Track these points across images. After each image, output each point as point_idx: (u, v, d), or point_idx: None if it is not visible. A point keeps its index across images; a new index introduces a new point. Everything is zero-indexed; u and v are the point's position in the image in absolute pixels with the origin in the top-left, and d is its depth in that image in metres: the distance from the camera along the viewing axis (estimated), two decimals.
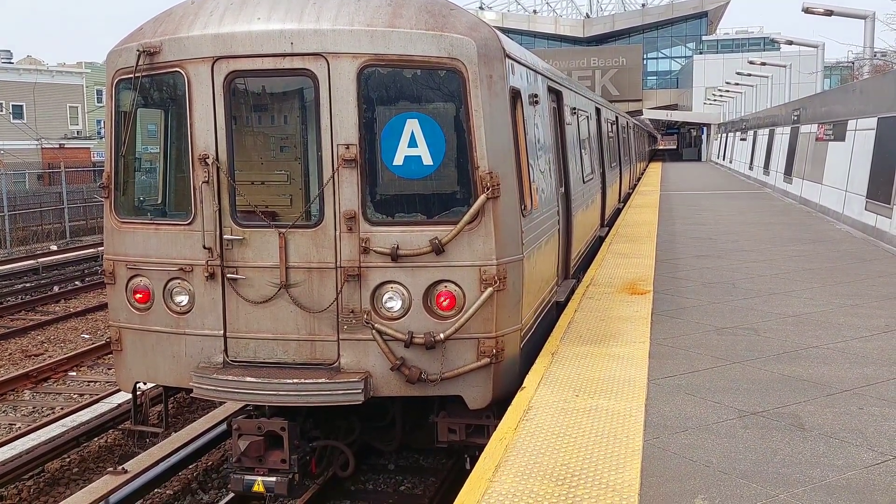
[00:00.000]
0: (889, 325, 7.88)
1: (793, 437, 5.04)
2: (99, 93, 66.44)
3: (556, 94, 9.40)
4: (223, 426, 9.12)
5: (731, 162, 47.03)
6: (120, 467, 8.01)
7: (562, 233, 9.07)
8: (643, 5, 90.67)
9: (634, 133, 32.09)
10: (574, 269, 10.22)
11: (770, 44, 63.99)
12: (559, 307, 8.59)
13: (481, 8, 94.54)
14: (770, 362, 6.67)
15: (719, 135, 59.53)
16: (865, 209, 15.53)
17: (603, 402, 5.69)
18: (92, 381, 12.58)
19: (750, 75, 45.61)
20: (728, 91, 56.26)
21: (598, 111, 14.85)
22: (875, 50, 23.13)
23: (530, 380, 6.25)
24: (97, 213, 34.89)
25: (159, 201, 6.84)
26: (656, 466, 4.59)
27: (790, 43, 30.48)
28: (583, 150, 11.70)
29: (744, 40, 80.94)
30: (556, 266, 8.71)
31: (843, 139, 18.36)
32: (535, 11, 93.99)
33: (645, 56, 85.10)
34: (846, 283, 10.14)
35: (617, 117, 20.91)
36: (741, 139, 42.38)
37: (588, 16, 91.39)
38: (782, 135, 27.83)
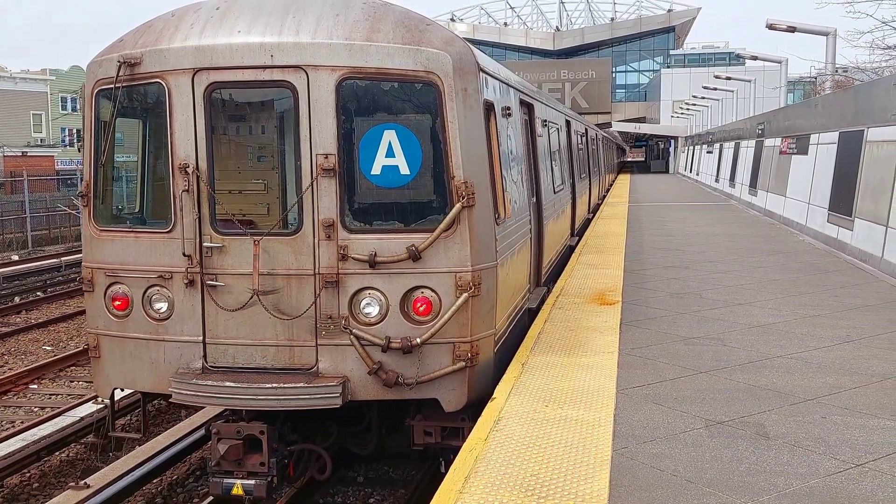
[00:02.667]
0: (850, 335, 8.03)
1: (758, 445, 5.10)
2: (64, 100, 65.57)
3: (527, 107, 9.65)
4: (191, 439, 9.05)
5: (697, 174, 47.68)
6: (82, 482, 7.89)
7: (533, 241, 9.24)
8: (612, 19, 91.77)
9: (604, 145, 32.99)
10: (545, 278, 10.44)
11: (735, 59, 65.13)
12: (531, 314, 8.76)
13: (452, 20, 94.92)
14: (736, 372, 6.75)
15: (686, 147, 60.35)
16: (828, 221, 15.82)
17: (572, 412, 5.72)
18: (53, 394, 12.35)
19: (716, 89, 46.35)
20: (695, 104, 57.08)
21: (568, 123, 15.27)
22: (837, 66, 23.59)
23: (500, 390, 6.26)
24: (60, 223, 34.39)
25: (138, 210, 6.92)
26: (624, 476, 4.62)
27: (755, 58, 31.06)
28: (553, 162, 12.01)
29: (710, 55, 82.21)
30: (529, 273, 8.90)
31: (805, 153, 18.72)
32: (505, 24, 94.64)
33: (614, 69, 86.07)
34: (809, 293, 10.32)
35: (587, 129, 21.46)
36: (707, 152, 43.00)
37: (558, 29, 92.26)
38: (747, 148, 28.29)
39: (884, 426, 5.41)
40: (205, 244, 6.23)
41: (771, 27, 21.50)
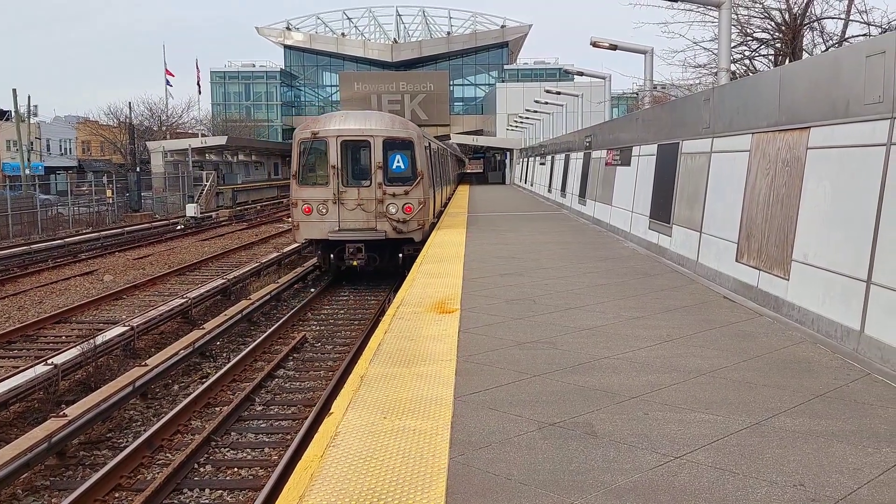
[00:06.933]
0: (670, 334, 8.56)
1: (586, 444, 5.30)
2: None
3: (429, 143, 22.39)
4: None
5: (532, 185, 49.51)
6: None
7: (433, 199, 21.91)
8: (448, 33, 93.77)
9: (450, 158, 42.30)
10: (436, 217, 23.59)
11: (565, 74, 68.23)
12: (432, 227, 21.52)
13: (288, 28, 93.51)
14: (567, 374, 7.01)
15: (521, 159, 62.50)
16: (649, 228, 16.86)
17: (410, 422, 5.71)
18: None
19: (547, 103, 48.25)
20: (528, 118, 59.26)
21: (439, 148, 29.12)
22: (655, 82, 25.26)
23: (338, 405, 6.16)
24: None
25: (314, 179, 19.68)
26: (461, 483, 4.66)
27: (581, 74, 32.49)
28: (435, 168, 24.47)
29: (541, 70, 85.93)
30: (433, 211, 21.95)
31: (628, 164, 19.89)
32: (343, 34, 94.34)
33: (451, 82, 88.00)
34: (633, 296, 10.92)
35: (441, 148, 33.69)
36: (541, 163, 44.76)
37: (396, 41, 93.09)
38: (576, 160, 29.70)
39: (699, 419, 5.79)
40: (340, 190, 19.35)
41: (595, 45, 22.64)
